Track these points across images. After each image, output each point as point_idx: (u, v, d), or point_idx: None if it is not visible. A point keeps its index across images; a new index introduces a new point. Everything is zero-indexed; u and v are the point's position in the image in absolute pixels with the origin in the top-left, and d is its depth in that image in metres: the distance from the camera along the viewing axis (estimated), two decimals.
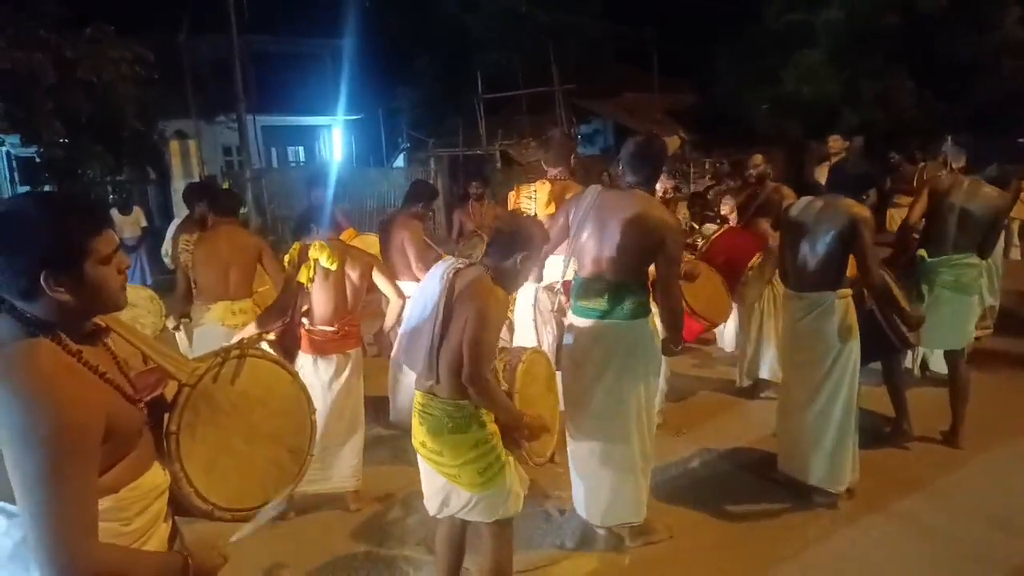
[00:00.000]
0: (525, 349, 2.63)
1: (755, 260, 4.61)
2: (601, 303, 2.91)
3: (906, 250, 3.94)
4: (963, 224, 3.72)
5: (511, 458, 2.42)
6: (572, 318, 3.07)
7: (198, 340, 3.94)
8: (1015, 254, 7.56)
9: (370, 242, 4.85)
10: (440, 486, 2.44)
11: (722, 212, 5.25)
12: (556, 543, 3.19)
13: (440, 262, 2.49)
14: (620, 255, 2.86)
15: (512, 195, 3.94)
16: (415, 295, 2.52)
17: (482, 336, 2.23)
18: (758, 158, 5.26)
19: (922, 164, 7.31)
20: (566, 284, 3.25)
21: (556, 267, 3.46)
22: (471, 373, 2.23)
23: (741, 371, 5.04)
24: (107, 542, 1.25)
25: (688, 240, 5.09)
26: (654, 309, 3.02)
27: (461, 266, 2.40)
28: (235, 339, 3.34)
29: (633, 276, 2.91)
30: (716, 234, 4.91)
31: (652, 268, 2.97)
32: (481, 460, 2.31)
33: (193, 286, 4.09)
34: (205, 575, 1.39)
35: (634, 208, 2.85)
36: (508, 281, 2.41)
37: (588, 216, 2.94)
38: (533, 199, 3.76)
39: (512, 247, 2.38)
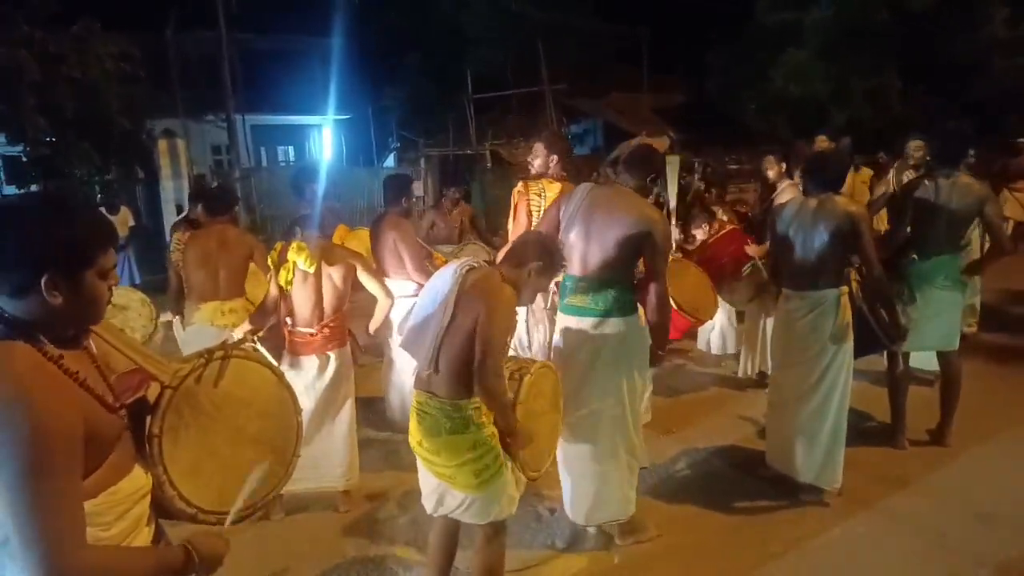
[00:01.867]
0: (535, 362, 2.63)
1: (747, 268, 4.63)
2: (587, 300, 2.92)
3: (904, 254, 3.93)
4: (949, 222, 3.74)
5: (510, 461, 2.41)
6: (560, 317, 3.08)
7: (188, 339, 3.92)
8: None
9: (364, 236, 4.83)
10: (435, 486, 2.44)
11: (693, 233, 5.26)
12: (546, 542, 3.18)
13: (452, 261, 2.51)
14: (606, 251, 2.86)
15: (517, 191, 3.83)
16: (424, 289, 2.53)
17: (491, 332, 2.24)
18: (770, 159, 5.25)
19: (896, 164, 7.30)
20: (557, 283, 3.24)
21: None
22: (480, 367, 2.24)
23: (745, 364, 5.12)
24: (99, 544, 1.23)
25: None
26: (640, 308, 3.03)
27: (474, 265, 2.42)
28: (233, 339, 3.36)
29: (619, 273, 2.92)
30: (714, 237, 4.93)
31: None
32: (478, 461, 2.30)
33: (185, 285, 4.09)
34: (212, 563, 1.38)
35: (620, 204, 2.87)
36: (519, 287, 2.43)
37: (577, 213, 2.94)
38: (543, 197, 3.69)
39: (528, 256, 2.43)
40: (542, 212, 3.68)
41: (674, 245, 4.68)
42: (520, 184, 3.86)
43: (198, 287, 3.90)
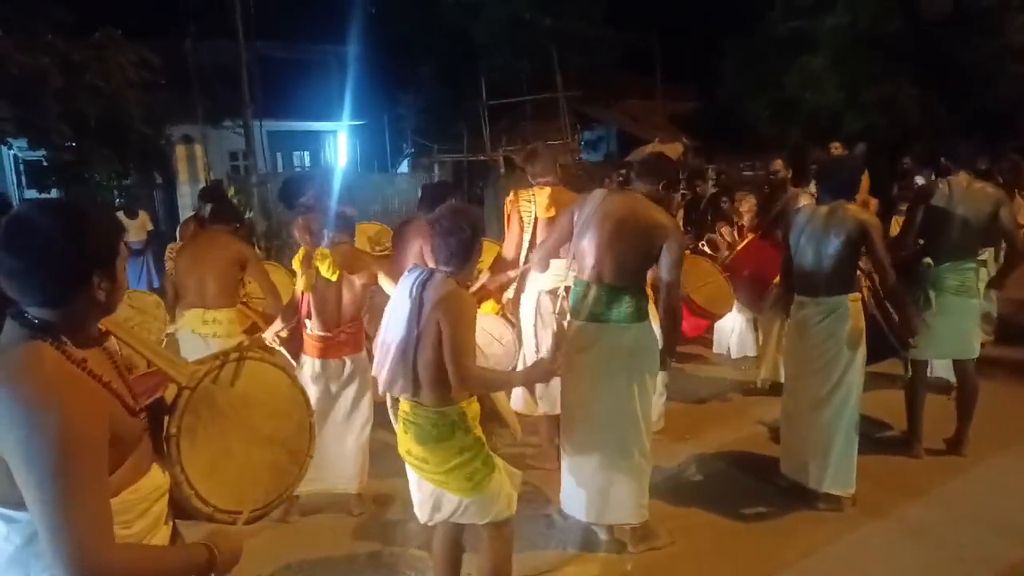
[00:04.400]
0: None
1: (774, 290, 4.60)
2: (602, 307, 2.93)
3: (919, 260, 3.91)
4: (964, 228, 3.71)
5: (500, 460, 2.44)
6: (571, 322, 3.10)
7: (180, 346, 3.94)
8: None
9: (368, 230, 4.84)
10: (429, 492, 2.44)
11: (723, 238, 5.26)
12: (558, 548, 3.19)
13: (408, 273, 2.46)
14: (621, 258, 2.89)
15: (509, 200, 3.89)
16: (387, 310, 2.48)
17: (455, 339, 2.22)
18: (778, 163, 5.28)
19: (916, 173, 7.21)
20: (567, 288, 3.26)
21: (559, 270, 3.46)
22: (454, 375, 2.23)
23: (762, 370, 5.09)
24: (129, 543, 1.25)
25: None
26: (652, 312, 3.05)
27: (425, 277, 2.36)
28: (271, 336, 3.49)
29: (633, 279, 2.94)
30: (740, 246, 4.91)
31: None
32: (468, 466, 2.31)
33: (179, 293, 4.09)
34: (229, 563, 1.39)
35: (635, 211, 2.90)
36: (470, 283, 2.41)
37: (591, 219, 2.96)
38: (533, 203, 3.75)
39: (473, 251, 2.36)
40: (532, 217, 3.73)
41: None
42: (512, 193, 3.92)
43: (185, 294, 3.89)
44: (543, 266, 3.30)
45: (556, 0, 18.67)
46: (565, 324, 3.24)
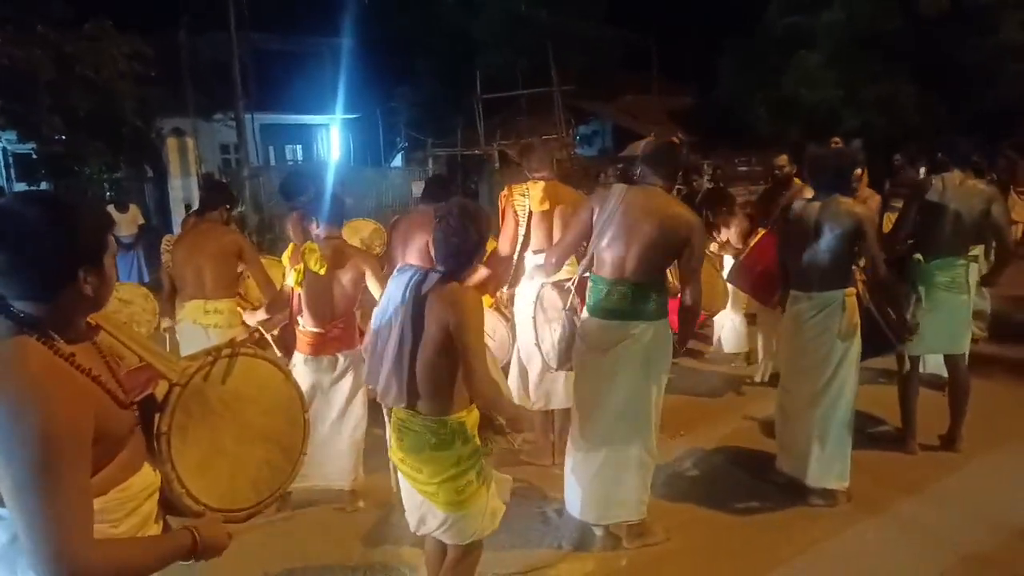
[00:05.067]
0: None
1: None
2: (624, 304, 2.91)
3: (896, 252, 3.92)
4: (956, 224, 3.71)
5: (492, 471, 2.38)
6: (589, 319, 3.05)
7: (180, 338, 3.93)
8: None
9: (362, 230, 4.79)
10: (417, 503, 2.37)
11: (721, 239, 5.26)
12: (553, 544, 3.17)
13: (398, 272, 2.36)
14: (646, 255, 2.87)
15: (504, 195, 3.89)
16: (378, 309, 2.38)
17: (468, 338, 2.13)
18: (783, 158, 5.23)
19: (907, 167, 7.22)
20: (580, 283, 3.22)
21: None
22: (469, 377, 2.15)
23: (764, 370, 5.11)
24: (109, 538, 1.24)
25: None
26: None
27: (420, 278, 2.26)
28: (254, 323, 3.47)
29: (656, 276, 2.93)
30: (754, 241, 4.89)
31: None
32: (462, 477, 2.22)
33: (177, 285, 4.07)
34: (213, 550, 1.37)
35: (660, 207, 2.88)
36: (471, 281, 2.32)
37: (614, 216, 2.93)
38: (527, 196, 3.75)
39: (473, 256, 2.26)
40: (526, 211, 3.74)
41: None
42: (506, 188, 3.93)
43: (183, 286, 3.89)
44: (560, 265, 3.27)
45: None
46: (576, 320, 3.19)
